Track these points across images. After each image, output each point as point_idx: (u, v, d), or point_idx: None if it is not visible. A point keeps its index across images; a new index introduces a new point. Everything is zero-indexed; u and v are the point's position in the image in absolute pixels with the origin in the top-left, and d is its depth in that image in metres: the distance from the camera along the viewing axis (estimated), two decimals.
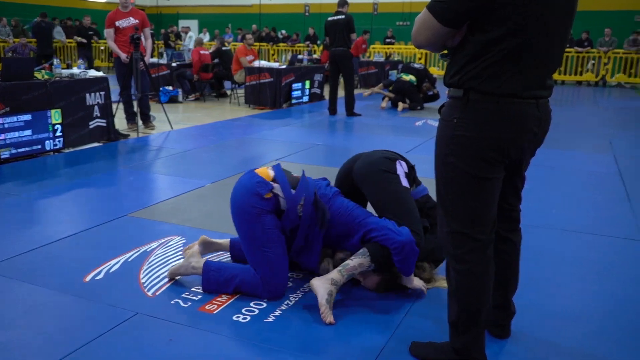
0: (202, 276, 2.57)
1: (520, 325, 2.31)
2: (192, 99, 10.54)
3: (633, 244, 3.36)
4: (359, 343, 2.20)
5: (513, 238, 2.07)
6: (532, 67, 1.72)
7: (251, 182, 2.51)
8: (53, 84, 5.59)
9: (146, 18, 7.13)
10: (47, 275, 2.73)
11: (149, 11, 21.94)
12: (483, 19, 1.67)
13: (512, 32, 1.65)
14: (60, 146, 5.63)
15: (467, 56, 1.73)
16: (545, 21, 1.67)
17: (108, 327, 2.26)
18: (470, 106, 1.74)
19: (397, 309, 2.49)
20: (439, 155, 1.86)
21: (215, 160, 5.57)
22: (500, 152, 1.76)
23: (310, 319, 2.36)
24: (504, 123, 1.73)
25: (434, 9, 1.71)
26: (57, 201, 4.04)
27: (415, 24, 1.79)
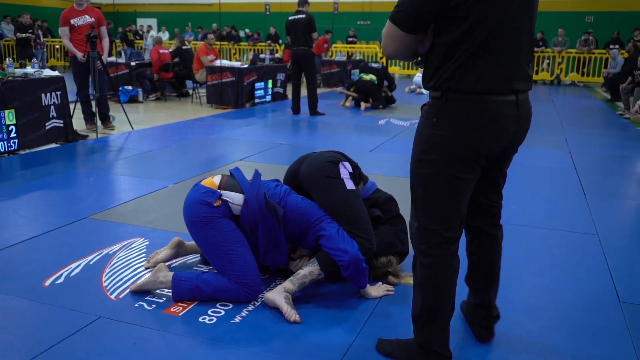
0: (173, 288, 2.48)
1: None
2: (153, 99, 10.37)
3: (588, 237, 3.48)
4: (327, 341, 2.21)
5: (495, 233, 2.10)
6: (502, 61, 1.74)
7: (198, 194, 2.53)
8: (6, 84, 5.41)
9: (102, 16, 6.98)
10: (3, 281, 2.65)
11: (105, 9, 21.45)
12: (443, 21, 1.71)
13: (472, 29, 1.68)
14: (15, 148, 5.45)
15: (438, 59, 1.76)
16: (503, 15, 1.71)
17: (70, 331, 2.21)
18: (449, 106, 1.76)
19: (364, 307, 2.51)
20: (416, 153, 1.89)
21: (177, 160, 5.49)
22: (477, 152, 1.79)
23: (277, 319, 2.36)
24: (482, 123, 1.76)
25: (394, 18, 1.75)
26: (13, 204, 3.91)
27: (382, 37, 1.82)
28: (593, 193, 4.46)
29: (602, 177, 5.12)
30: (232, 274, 2.45)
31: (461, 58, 1.72)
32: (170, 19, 22.68)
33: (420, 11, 1.70)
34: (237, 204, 2.52)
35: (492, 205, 2.06)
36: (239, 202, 2.52)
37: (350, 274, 2.43)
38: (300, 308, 2.44)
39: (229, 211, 2.52)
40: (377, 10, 20.71)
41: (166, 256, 2.88)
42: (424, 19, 1.71)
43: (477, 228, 2.07)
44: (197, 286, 2.47)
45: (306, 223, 2.57)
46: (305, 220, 2.57)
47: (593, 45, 15.76)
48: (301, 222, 2.57)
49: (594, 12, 18.24)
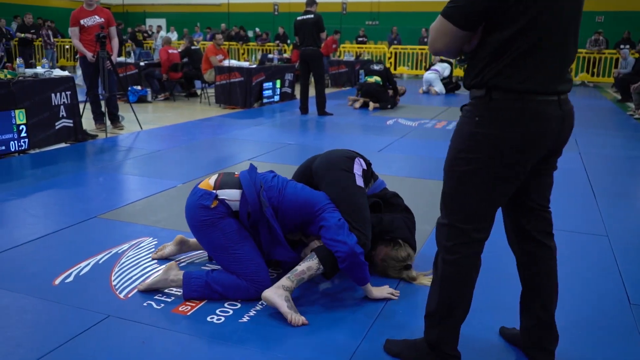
0: (184, 286, 2.50)
1: (493, 323, 2.35)
2: (162, 99, 10.41)
3: (598, 239, 3.45)
4: (334, 343, 2.21)
5: (549, 243, 2.00)
6: (550, 62, 1.72)
7: (195, 198, 2.55)
8: (16, 84, 5.45)
9: (112, 16, 7.01)
10: (14, 279, 2.67)
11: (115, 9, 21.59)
12: (497, 18, 1.69)
13: (526, 28, 1.67)
14: (25, 147, 5.49)
15: (486, 57, 1.74)
16: (556, 16, 1.69)
17: (79, 330, 2.22)
18: (493, 105, 1.74)
19: (371, 309, 2.50)
20: (454, 150, 1.85)
21: (186, 160, 5.51)
22: (519, 153, 1.76)
23: (285, 320, 2.36)
24: (526, 123, 1.73)
25: (448, 14, 1.73)
26: (23, 203, 3.94)
27: (430, 32, 1.81)
28: (603, 194, 4.43)
29: (612, 177, 5.08)
30: (241, 272, 2.47)
31: (512, 57, 1.70)
32: (179, 19, 22.78)
33: (475, 8, 1.69)
34: (234, 200, 2.52)
35: (543, 210, 1.99)
36: (236, 197, 2.52)
37: (346, 267, 2.41)
38: (307, 309, 2.45)
39: (229, 209, 2.52)
40: (385, 10, 20.69)
41: (171, 252, 2.94)
42: (479, 16, 1.70)
43: (528, 236, 1.98)
44: (208, 283, 2.48)
45: (309, 214, 2.56)
46: (307, 210, 2.56)
47: (603, 45, 15.65)
48: (303, 213, 2.56)
49: (604, 12, 18.12)
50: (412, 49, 17.57)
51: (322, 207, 2.55)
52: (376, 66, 10.18)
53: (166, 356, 2.08)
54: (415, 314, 2.44)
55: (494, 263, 2.70)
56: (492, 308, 2.46)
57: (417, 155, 5.80)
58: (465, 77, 1.84)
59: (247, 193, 2.52)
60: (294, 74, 11.23)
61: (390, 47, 17.78)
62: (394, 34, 18.30)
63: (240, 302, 2.49)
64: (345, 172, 2.71)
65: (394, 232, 2.82)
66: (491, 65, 1.73)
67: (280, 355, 2.11)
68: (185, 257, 2.98)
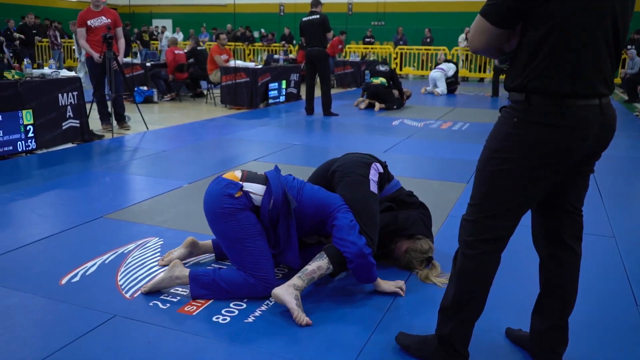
0: (190, 283, 2.50)
1: (499, 323, 2.35)
2: (168, 99, 10.44)
3: (605, 240, 3.44)
4: (341, 340, 2.21)
5: (576, 248, 1.98)
6: (587, 63, 1.70)
7: (220, 186, 2.56)
8: (24, 84, 5.48)
9: (118, 17, 7.04)
10: (20, 278, 2.68)
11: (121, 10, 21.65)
12: (531, 18, 1.69)
13: (559, 28, 1.66)
14: (32, 147, 5.52)
15: (524, 59, 1.74)
16: (593, 14, 1.66)
17: (85, 329, 2.23)
18: (532, 109, 1.73)
19: (379, 305, 2.50)
20: (488, 150, 1.84)
21: (192, 160, 5.52)
22: (556, 156, 1.74)
23: (291, 319, 2.36)
24: (565, 127, 1.71)
25: (485, 12, 1.74)
26: (30, 203, 3.96)
27: (471, 30, 1.82)
28: (609, 195, 4.41)
29: (618, 178, 5.05)
30: (250, 267, 2.47)
31: (548, 58, 1.69)
32: (185, 19, 22.84)
33: (510, 5, 1.69)
34: (258, 194, 2.56)
35: (577, 213, 1.97)
36: (260, 192, 2.57)
37: (354, 267, 2.44)
38: (315, 306, 2.45)
39: (250, 202, 2.55)
40: (391, 10, 20.68)
41: (180, 255, 2.91)
42: (512, 14, 1.70)
43: (558, 239, 1.96)
44: (215, 280, 2.48)
45: (324, 213, 2.61)
46: (323, 210, 2.61)
47: None
48: (319, 213, 2.61)
49: None
50: (418, 49, 17.55)
51: (337, 208, 2.60)
52: (382, 67, 10.16)
53: (172, 356, 2.08)
54: (424, 310, 2.44)
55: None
56: (498, 308, 2.45)
57: (423, 155, 5.79)
58: (506, 78, 1.84)
59: (273, 189, 2.56)
60: (299, 74, 11.24)
61: (396, 48, 17.77)
62: (399, 34, 18.29)
63: (245, 302, 2.49)
64: (361, 177, 2.79)
65: (409, 228, 2.89)
66: (529, 67, 1.73)
67: (287, 353, 2.11)
68: (192, 259, 2.98)
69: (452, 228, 3.51)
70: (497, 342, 2.23)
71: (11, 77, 5.52)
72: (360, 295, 2.62)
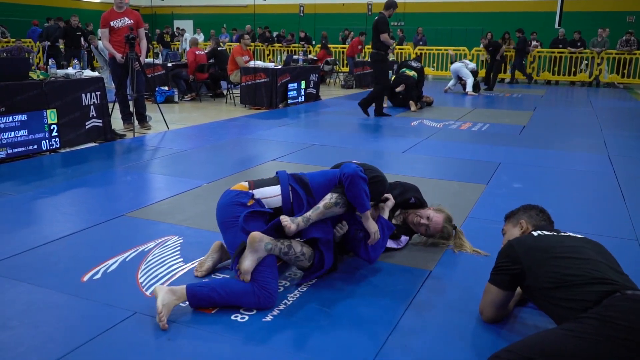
0: (187, 293, 2.38)
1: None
2: (188, 99, 10.53)
3: (628, 243, 3.38)
4: (358, 340, 2.21)
5: None
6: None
7: (230, 197, 2.60)
8: (48, 84, 5.57)
9: (141, 18, 7.12)
10: (44, 275, 2.73)
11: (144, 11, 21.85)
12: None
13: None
14: (56, 146, 5.61)
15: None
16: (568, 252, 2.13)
17: (106, 326, 2.26)
18: None
19: (396, 307, 2.49)
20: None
21: (211, 160, 5.56)
22: None
23: (309, 319, 2.36)
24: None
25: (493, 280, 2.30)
26: (54, 201, 4.03)
27: (482, 303, 2.37)
28: (633, 197, 4.33)
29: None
30: (256, 277, 2.42)
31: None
32: (206, 20, 23.00)
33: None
34: (273, 195, 2.60)
35: None
36: (275, 193, 2.61)
37: (347, 186, 2.55)
38: (331, 309, 2.45)
39: (263, 207, 2.58)
40: (411, 11, 20.57)
41: (213, 262, 2.81)
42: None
43: None
44: (214, 289, 2.40)
45: (336, 175, 2.68)
46: (334, 174, 2.69)
47: (634, 45, 15.30)
48: (331, 178, 2.69)
49: (635, 11, 17.73)
50: (438, 49, 17.44)
51: (345, 165, 2.67)
52: (414, 63, 10.46)
53: (191, 353, 2.10)
54: (442, 311, 2.42)
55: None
56: None
57: (442, 156, 5.75)
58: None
59: (280, 177, 2.67)
60: (318, 74, 11.25)
61: (416, 48, 17.67)
62: (419, 34, 18.19)
63: (246, 308, 2.44)
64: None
65: (405, 194, 3.16)
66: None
67: (305, 353, 2.11)
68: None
69: (472, 229, 3.49)
70: None
71: (36, 77, 5.62)
72: (377, 297, 2.61)
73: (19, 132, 5.19)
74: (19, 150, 5.22)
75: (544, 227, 2.44)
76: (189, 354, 2.10)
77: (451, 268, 2.95)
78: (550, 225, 2.55)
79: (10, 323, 2.27)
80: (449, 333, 2.28)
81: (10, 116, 5.11)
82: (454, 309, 2.49)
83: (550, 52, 16.25)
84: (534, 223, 2.51)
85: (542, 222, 2.52)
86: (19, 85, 5.27)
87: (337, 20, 21.06)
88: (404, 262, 3.00)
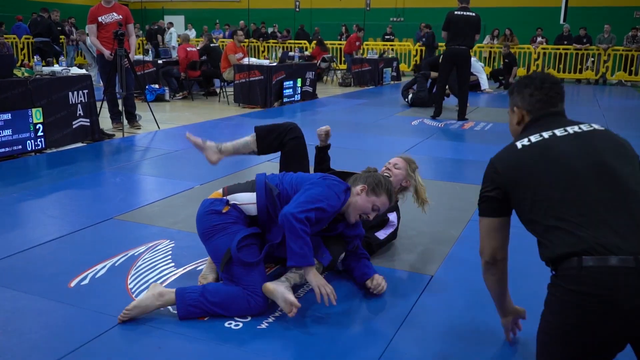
0: (177, 299, 2.38)
1: None
2: (180, 98, 10.52)
3: None
4: (356, 350, 2.21)
5: None
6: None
7: (205, 206, 2.60)
8: (34, 82, 5.56)
9: (130, 14, 7.11)
10: (29, 281, 2.72)
11: (133, 7, 21.86)
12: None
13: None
14: (42, 146, 5.59)
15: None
16: (567, 174, 1.72)
17: (95, 334, 2.25)
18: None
19: (395, 315, 2.49)
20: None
21: (204, 161, 5.51)
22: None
23: (303, 325, 2.36)
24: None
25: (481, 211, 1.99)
26: (39, 204, 4.02)
27: (480, 237, 2.03)
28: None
29: None
30: (245, 283, 2.40)
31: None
32: (198, 15, 23.00)
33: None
34: (249, 202, 2.56)
35: None
36: (251, 200, 2.56)
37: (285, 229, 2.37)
38: (328, 317, 2.45)
39: (241, 213, 2.55)
40: (410, 6, 20.61)
41: (216, 274, 2.73)
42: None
43: None
44: (203, 294, 2.38)
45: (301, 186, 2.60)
46: (301, 187, 2.58)
47: None
48: (298, 190, 2.58)
49: None
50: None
51: (307, 185, 2.55)
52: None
53: None
54: (442, 319, 2.42)
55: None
56: None
57: (443, 157, 5.76)
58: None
59: (257, 183, 2.60)
60: (314, 72, 11.25)
61: (416, 45, 17.67)
62: (422, 31, 18.22)
63: (237, 315, 2.43)
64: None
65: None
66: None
67: None
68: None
69: (474, 232, 3.48)
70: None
71: (21, 75, 5.60)
72: (375, 304, 2.61)
73: (2, 131, 5.18)
74: (2, 151, 5.20)
75: (545, 116, 1.91)
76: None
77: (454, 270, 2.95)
78: (556, 105, 1.93)
79: None
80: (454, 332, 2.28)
81: None
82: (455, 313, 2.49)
83: (555, 48, 16.30)
84: (530, 109, 1.94)
85: (544, 106, 1.92)
86: (3, 83, 5.25)
87: (334, 16, 21.07)
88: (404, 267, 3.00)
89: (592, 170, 1.70)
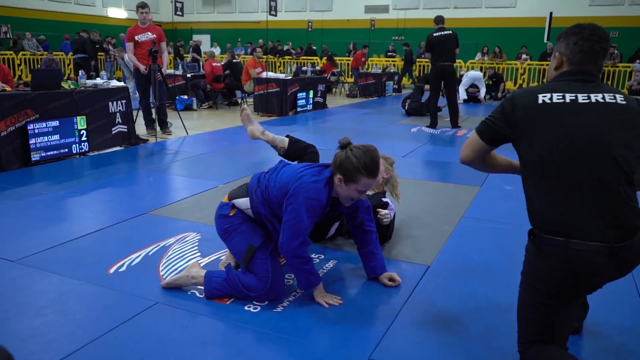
0: (205, 283, 2.43)
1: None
2: (206, 107, 10.55)
3: None
4: (362, 331, 2.21)
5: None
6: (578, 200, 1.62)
7: (217, 209, 2.61)
8: (78, 93, 5.60)
9: (162, 33, 7.14)
10: (74, 268, 2.74)
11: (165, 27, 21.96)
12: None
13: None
14: (85, 150, 5.64)
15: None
16: (572, 141, 1.61)
17: (130, 314, 2.27)
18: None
19: (397, 299, 2.49)
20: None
21: (227, 163, 5.57)
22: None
23: (315, 310, 2.36)
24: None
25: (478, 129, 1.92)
26: (83, 200, 4.05)
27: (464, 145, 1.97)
28: None
29: None
30: (260, 275, 2.41)
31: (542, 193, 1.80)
32: (223, 35, 23.06)
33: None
34: (246, 207, 2.53)
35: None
36: (246, 204, 2.53)
37: (289, 266, 2.39)
38: (343, 291, 2.44)
39: (247, 216, 2.54)
40: (410, 26, 20.54)
41: (235, 261, 2.77)
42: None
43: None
44: (228, 279, 2.42)
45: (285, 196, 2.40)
46: (285, 192, 2.36)
47: (617, 58, 15.20)
48: (283, 196, 2.37)
49: (619, 27, 17.62)
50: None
51: (285, 206, 2.34)
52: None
53: (205, 340, 2.11)
54: (441, 304, 2.42)
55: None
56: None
57: (439, 161, 5.74)
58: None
59: (249, 189, 2.53)
60: (325, 84, 11.24)
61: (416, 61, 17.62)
62: (422, 48, 18.14)
63: (256, 299, 2.44)
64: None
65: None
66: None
67: (311, 341, 2.11)
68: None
69: (466, 228, 3.47)
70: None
71: (68, 87, 5.65)
72: (379, 288, 2.61)
73: (51, 136, 5.23)
74: (51, 154, 5.25)
75: (579, 73, 1.71)
76: (205, 340, 2.10)
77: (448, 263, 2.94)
78: (595, 62, 1.73)
79: (43, 311, 2.29)
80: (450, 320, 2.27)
81: (44, 122, 5.14)
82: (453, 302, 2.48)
83: (539, 64, 16.17)
84: (571, 58, 1.73)
85: (583, 59, 1.71)
86: (52, 94, 5.30)
87: (343, 35, 21.04)
88: (402, 258, 2.99)
89: (589, 150, 1.59)
